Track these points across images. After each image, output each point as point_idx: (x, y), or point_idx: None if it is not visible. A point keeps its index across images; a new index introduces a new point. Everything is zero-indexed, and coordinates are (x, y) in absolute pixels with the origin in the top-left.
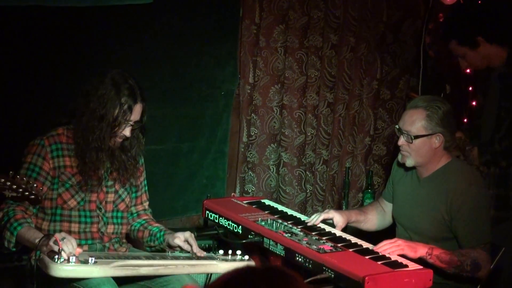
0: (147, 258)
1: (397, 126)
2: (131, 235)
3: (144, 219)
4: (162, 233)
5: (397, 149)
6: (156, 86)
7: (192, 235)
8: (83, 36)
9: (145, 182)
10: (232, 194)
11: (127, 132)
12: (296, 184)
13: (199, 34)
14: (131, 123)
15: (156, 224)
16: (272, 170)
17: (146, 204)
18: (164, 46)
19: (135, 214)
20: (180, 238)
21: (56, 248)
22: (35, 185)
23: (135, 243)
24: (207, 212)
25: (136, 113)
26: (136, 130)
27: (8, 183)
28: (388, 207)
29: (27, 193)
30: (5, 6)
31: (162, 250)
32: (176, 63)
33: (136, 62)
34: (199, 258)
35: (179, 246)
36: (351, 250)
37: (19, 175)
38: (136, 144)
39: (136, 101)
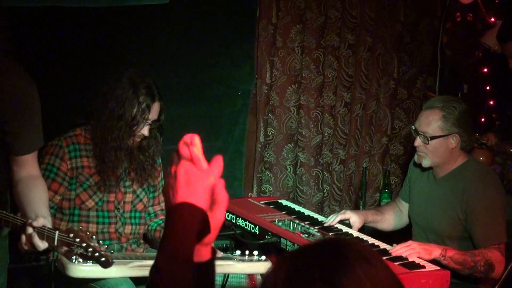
0: None
1: (413, 127)
2: (149, 235)
3: (161, 219)
4: None
5: (414, 149)
6: (173, 86)
7: None
8: (99, 36)
9: (163, 182)
10: (249, 194)
11: (145, 131)
12: (313, 184)
13: (216, 34)
14: (149, 122)
15: None
16: (289, 170)
17: (163, 204)
18: (181, 46)
19: (153, 214)
20: None
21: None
22: (105, 246)
23: (152, 243)
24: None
25: (154, 112)
26: (154, 130)
27: (78, 240)
28: (404, 207)
29: (96, 254)
30: (21, 6)
31: None
32: (193, 63)
33: (152, 62)
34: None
35: None
36: None
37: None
38: (154, 144)
39: (154, 99)
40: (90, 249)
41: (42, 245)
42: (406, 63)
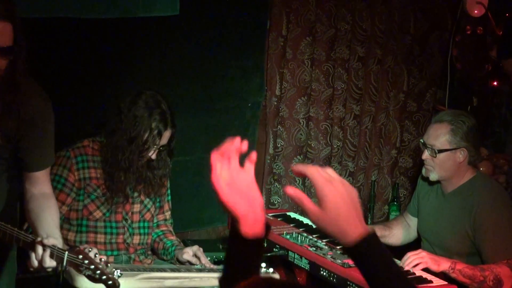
0: (172, 270)
1: (421, 140)
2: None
3: (161, 230)
4: (173, 248)
5: (423, 162)
6: (183, 97)
7: (200, 248)
8: (109, 48)
9: (169, 191)
10: None
11: (153, 155)
12: None
13: (226, 46)
14: (158, 147)
15: (172, 238)
16: (298, 182)
17: (167, 214)
18: (191, 58)
19: (155, 224)
20: (189, 253)
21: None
22: (113, 269)
23: (158, 255)
24: None
25: (165, 139)
26: (164, 153)
27: (87, 262)
28: (413, 221)
29: (104, 277)
30: (31, 18)
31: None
32: (202, 74)
33: (162, 74)
34: (216, 270)
35: (188, 262)
36: None
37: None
38: (162, 166)
39: (167, 127)
40: (98, 272)
41: (50, 263)
42: (416, 76)
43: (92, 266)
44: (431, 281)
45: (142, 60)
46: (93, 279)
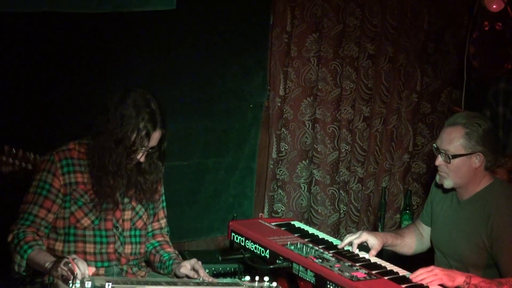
0: (168, 283)
1: (435, 145)
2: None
3: (158, 241)
4: (171, 261)
5: (437, 168)
6: (179, 98)
7: (199, 262)
8: (102, 45)
9: (163, 197)
10: (260, 214)
11: (142, 158)
12: (329, 203)
13: (226, 43)
14: (147, 149)
15: (169, 250)
16: (303, 189)
17: (163, 222)
18: (189, 56)
19: (150, 234)
20: (186, 267)
21: (65, 272)
22: (31, 154)
23: (153, 267)
24: (232, 234)
25: (154, 140)
26: (154, 157)
27: (4, 158)
28: (426, 230)
29: (23, 164)
30: (19, 12)
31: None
32: (201, 74)
33: (158, 73)
34: (216, 284)
35: (186, 276)
36: (386, 278)
37: (29, 193)
38: (154, 171)
39: (155, 128)
40: (17, 163)
41: None
42: (430, 75)
43: (10, 160)
44: None
45: (135, 58)
46: (16, 173)
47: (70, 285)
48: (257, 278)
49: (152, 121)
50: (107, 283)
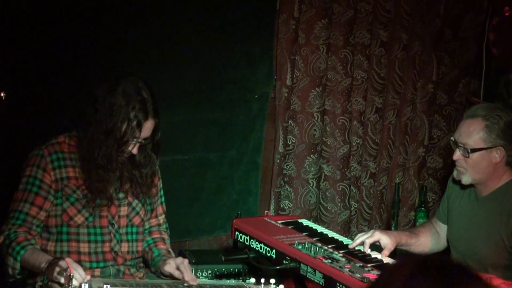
0: (169, 286)
1: (452, 138)
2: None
3: (153, 238)
4: (158, 258)
5: (454, 162)
6: (181, 88)
7: (186, 261)
8: (96, 32)
9: (162, 192)
10: (266, 212)
11: (134, 150)
12: (339, 200)
13: (229, 29)
14: (139, 140)
15: (161, 246)
16: (311, 185)
17: (161, 218)
18: (190, 43)
19: (147, 231)
20: (171, 265)
21: (62, 279)
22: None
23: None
24: (236, 233)
25: (146, 131)
26: (148, 149)
27: None
28: (442, 229)
29: None
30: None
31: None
32: (203, 62)
33: (157, 62)
34: (219, 286)
35: (170, 275)
36: None
37: (18, 191)
38: (149, 164)
39: (147, 117)
40: None
41: None
42: (447, 63)
43: None
44: None
45: (132, 45)
46: None
47: (66, 287)
48: (262, 280)
49: (143, 110)
50: (104, 285)
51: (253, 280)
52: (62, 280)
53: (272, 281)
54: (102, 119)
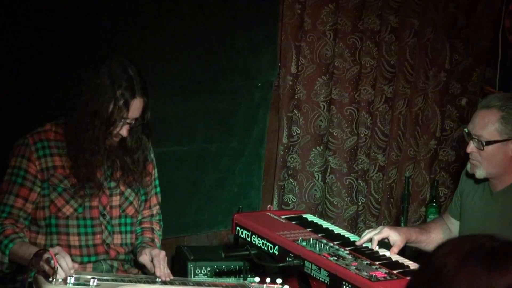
0: (163, 282)
1: (466, 130)
2: None
3: (142, 228)
4: (138, 246)
5: (467, 155)
6: (179, 76)
7: (162, 253)
8: (88, 16)
9: (157, 182)
10: (268, 206)
11: (123, 131)
12: (346, 195)
13: (231, 14)
14: (127, 121)
15: (146, 235)
16: (317, 178)
17: (155, 209)
18: (189, 28)
19: (138, 221)
20: (146, 256)
21: (47, 268)
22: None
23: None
24: (237, 228)
25: (134, 110)
26: (138, 131)
27: None
28: (455, 225)
29: None
30: None
31: None
32: (203, 49)
33: (154, 48)
34: (218, 285)
35: (144, 266)
36: (409, 278)
37: (3, 182)
38: (140, 148)
39: (134, 96)
40: None
41: None
42: (460, 51)
43: None
44: None
45: (126, 31)
46: None
47: (51, 279)
48: (268, 280)
49: (130, 89)
50: (91, 279)
51: (257, 279)
52: (47, 268)
53: (279, 280)
54: (87, 100)
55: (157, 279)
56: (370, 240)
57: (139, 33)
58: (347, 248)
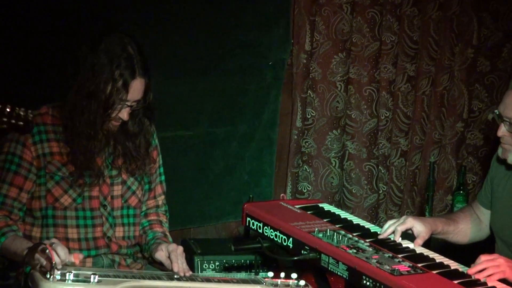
0: (170, 278)
1: (496, 112)
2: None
3: (149, 220)
4: (152, 242)
5: (498, 139)
6: (185, 55)
7: (180, 249)
8: None
9: (162, 170)
10: (282, 195)
11: (123, 114)
12: (366, 182)
13: None
14: (127, 103)
15: (157, 229)
16: (334, 164)
17: (160, 199)
18: (194, 2)
19: (143, 213)
20: (162, 253)
21: (43, 262)
22: (21, 111)
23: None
24: (248, 219)
25: (134, 92)
26: (140, 114)
27: None
28: (484, 214)
29: (13, 121)
30: None
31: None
32: (210, 25)
33: (158, 24)
34: (229, 280)
35: (161, 263)
36: (434, 272)
37: None
38: (142, 132)
39: (134, 76)
40: (5, 119)
41: None
42: (489, 25)
43: None
44: None
45: (129, 4)
46: (3, 130)
47: (48, 276)
48: (282, 274)
49: (129, 68)
50: (92, 275)
51: (270, 274)
52: (43, 261)
53: (294, 275)
54: (83, 81)
55: (175, 276)
56: (393, 232)
57: (141, 8)
58: (367, 240)
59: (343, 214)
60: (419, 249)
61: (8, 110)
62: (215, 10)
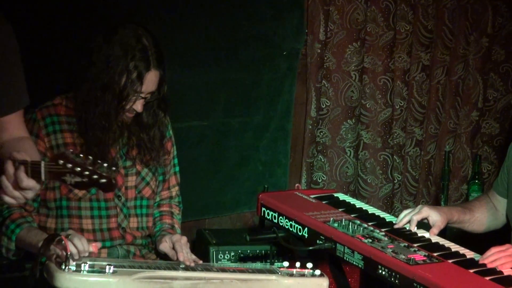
0: (185, 269)
1: None
2: None
3: (160, 211)
4: (158, 234)
5: None
6: (198, 45)
7: (184, 238)
8: None
9: (176, 161)
10: (296, 185)
11: (137, 106)
12: (381, 172)
13: None
14: (142, 95)
15: (166, 220)
16: (348, 154)
17: (174, 190)
18: None
19: (156, 203)
20: (166, 244)
21: (59, 252)
22: (105, 164)
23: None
24: (263, 209)
25: (149, 83)
26: (154, 106)
27: (69, 165)
28: (501, 203)
29: (95, 177)
30: None
31: None
32: (222, 15)
33: (169, 14)
34: (244, 270)
35: (165, 255)
36: (450, 261)
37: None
38: (156, 124)
39: (149, 68)
40: (87, 172)
41: (28, 182)
42: (504, 14)
43: (78, 169)
44: None
45: None
46: (83, 184)
47: (63, 267)
48: (298, 264)
49: (144, 60)
50: (107, 266)
51: (286, 263)
52: (59, 252)
53: (309, 265)
54: (98, 73)
55: (180, 265)
56: (408, 221)
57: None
58: (383, 230)
59: (358, 204)
60: (435, 238)
61: (89, 163)
62: (229, 0)
